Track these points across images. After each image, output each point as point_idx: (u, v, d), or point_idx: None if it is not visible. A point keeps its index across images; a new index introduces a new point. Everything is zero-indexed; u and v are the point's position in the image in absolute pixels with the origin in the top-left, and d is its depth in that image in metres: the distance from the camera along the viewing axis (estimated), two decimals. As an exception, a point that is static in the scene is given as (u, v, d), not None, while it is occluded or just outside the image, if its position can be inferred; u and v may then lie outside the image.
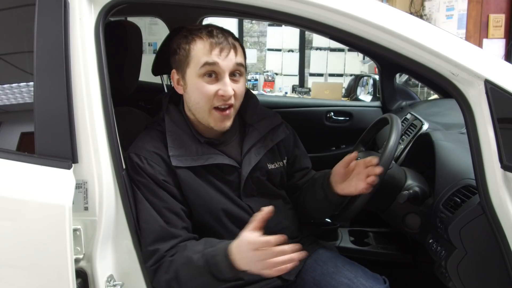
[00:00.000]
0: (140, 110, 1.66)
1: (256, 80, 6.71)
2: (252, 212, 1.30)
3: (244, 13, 2.13)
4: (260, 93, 5.82)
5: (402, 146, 1.85)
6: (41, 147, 1.08)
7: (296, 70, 6.73)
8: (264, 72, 6.79)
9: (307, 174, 1.48)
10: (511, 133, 1.04)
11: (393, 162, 1.42)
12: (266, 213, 1.06)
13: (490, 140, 1.05)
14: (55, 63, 1.09)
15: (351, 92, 4.23)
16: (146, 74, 1.94)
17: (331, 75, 6.60)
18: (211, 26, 1.24)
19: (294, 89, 6.39)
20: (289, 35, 6.59)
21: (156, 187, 1.21)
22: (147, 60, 1.80)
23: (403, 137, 1.90)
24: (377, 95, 2.94)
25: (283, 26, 6.30)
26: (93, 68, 1.13)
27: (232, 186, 1.30)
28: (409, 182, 1.42)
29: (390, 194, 1.41)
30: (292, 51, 6.72)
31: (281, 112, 1.46)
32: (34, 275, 1.08)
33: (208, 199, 1.25)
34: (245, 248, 1.06)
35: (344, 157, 1.28)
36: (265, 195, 1.35)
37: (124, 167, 1.20)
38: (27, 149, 1.11)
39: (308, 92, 5.90)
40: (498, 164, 1.04)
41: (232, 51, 1.21)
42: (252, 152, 1.31)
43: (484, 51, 1.12)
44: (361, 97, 4.03)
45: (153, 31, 5.35)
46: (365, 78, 4.30)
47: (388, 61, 2.34)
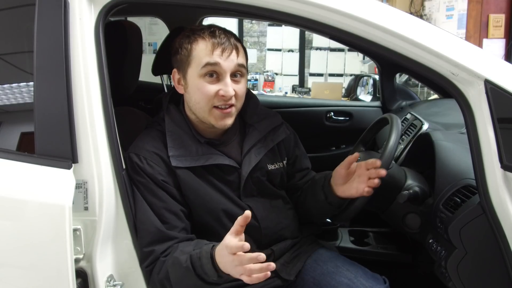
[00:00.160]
0: (140, 110, 1.66)
1: (256, 80, 6.71)
2: (252, 212, 1.30)
3: (244, 13, 2.13)
4: (260, 93, 5.82)
5: (402, 146, 1.85)
6: (41, 147, 1.08)
7: (296, 70, 6.72)
8: (264, 72, 6.79)
9: (307, 175, 1.48)
10: (511, 133, 1.04)
11: (393, 162, 1.42)
12: (245, 218, 1.02)
13: (490, 140, 1.05)
14: (55, 63, 1.09)
15: (351, 92, 4.23)
16: (146, 74, 1.94)
17: (331, 75, 6.59)
18: (214, 27, 1.24)
19: (294, 89, 6.38)
20: (289, 35, 6.58)
21: (155, 187, 1.21)
22: (147, 60, 1.80)
23: (403, 137, 1.90)
24: (377, 95, 2.94)
25: (283, 26, 6.30)
26: (93, 68, 1.13)
27: (232, 186, 1.29)
28: (409, 182, 1.42)
29: (390, 194, 1.41)
30: (292, 51, 6.71)
31: (281, 112, 1.46)
32: (34, 275, 1.08)
33: (208, 199, 1.25)
34: (225, 252, 1.04)
35: (345, 159, 1.27)
36: (265, 195, 1.35)
37: (124, 167, 1.20)
38: (27, 149, 1.11)
39: (308, 92, 5.90)
40: (498, 164, 1.04)
41: (234, 52, 1.21)
42: (252, 152, 1.31)
43: (484, 51, 1.12)
44: (361, 97, 4.03)
45: (153, 31, 5.35)
46: (365, 78, 4.29)
47: (388, 61, 2.34)
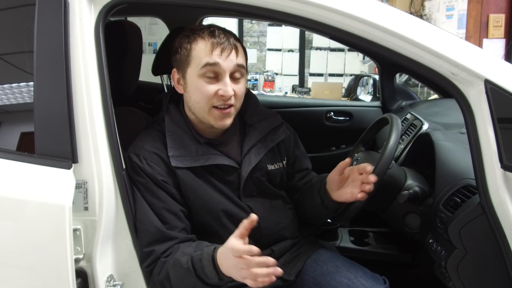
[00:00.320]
0: (140, 110, 1.66)
1: (256, 80, 6.71)
2: (252, 213, 1.30)
3: (244, 13, 2.13)
4: (260, 93, 5.82)
5: (402, 146, 1.85)
6: (41, 147, 1.08)
7: (296, 70, 6.72)
8: (264, 72, 6.79)
9: (307, 175, 1.48)
10: (511, 133, 1.04)
11: (393, 162, 1.42)
12: (252, 221, 1.03)
13: (490, 140, 1.05)
14: (55, 63, 1.09)
15: (351, 92, 4.23)
16: (146, 74, 1.94)
17: (331, 75, 6.59)
18: (213, 27, 1.24)
19: (294, 89, 6.38)
20: (289, 35, 6.58)
21: (155, 188, 1.20)
22: (147, 60, 1.80)
23: (403, 137, 1.90)
24: (377, 95, 2.94)
25: (283, 26, 6.30)
26: (93, 68, 1.13)
27: (232, 187, 1.29)
28: (409, 182, 1.42)
29: (390, 194, 1.41)
30: (292, 51, 6.71)
31: (281, 112, 1.46)
32: (34, 275, 1.08)
33: (208, 200, 1.25)
34: (228, 255, 1.04)
35: (338, 165, 1.26)
36: (265, 196, 1.35)
37: (124, 167, 1.20)
38: (27, 149, 1.11)
39: (308, 92, 5.90)
40: (498, 164, 1.04)
41: (233, 52, 1.21)
42: (252, 153, 1.31)
43: (484, 51, 1.12)
44: (361, 97, 4.02)
45: (153, 31, 5.35)
46: (365, 78, 4.29)
47: (388, 61, 2.34)
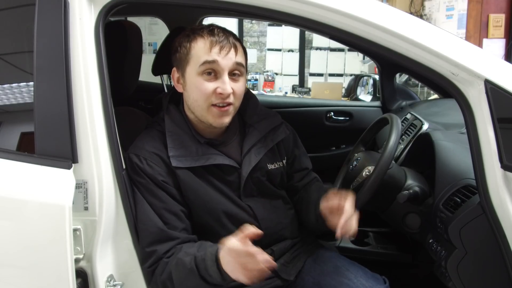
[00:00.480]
0: (140, 110, 1.66)
1: (256, 80, 6.71)
2: (252, 212, 1.30)
3: (244, 13, 2.13)
4: (260, 93, 5.82)
5: (402, 146, 1.85)
6: (41, 147, 1.08)
7: (296, 70, 6.72)
8: (264, 72, 6.79)
9: (307, 175, 1.48)
10: (511, 133, 1.04)
11: (393, 162, 1.42)
12: (255, 234, 1.02)
13: (490, 140, 1.05)
14: (55, 63, 1.09)
15: (351, 92, 4.22)
16: (146, 74, 1.94)
17: (331, 75, 6.59)
18: (213, 26, 1.24)
19: (294, 89, 6.38)
20: (289, 35, 6.58)
21: (155, 188, 1.20)
22: (147, 60, 1.80)
23: (403, 137, 1.90)
24: (377, 95, 2.94)
25: (283, 26, 6.30)
26: (93, 68, 1.13)
27: (232, 187, 1.29)
28: (409, 182, 1.42)
29: (390, 194, 1.41)
30: (292, 51, 6.71)
31: (281, 112, 1.46)
32: (34, 275, 1.08)
33: (208, 200, 1.25)
34: (231, 258, 1.04)
35: (323, 203, 1.22)
36: (265, 195, 1.35)
37: (124, 167, 1.20)
38: (27, 149, 1.11)
39: (308, 92, 5.89)
40: (498, 164, 1.04)
41: (232, 50, 1.21)
42: (252, 153, 1.31)
43: (484, 51, 1.12)
44: (361, 97, 4.02)
45: (153, 31, 5.36)
46: (365, 78, 4.29)
47: (388, 61, 2.34)
